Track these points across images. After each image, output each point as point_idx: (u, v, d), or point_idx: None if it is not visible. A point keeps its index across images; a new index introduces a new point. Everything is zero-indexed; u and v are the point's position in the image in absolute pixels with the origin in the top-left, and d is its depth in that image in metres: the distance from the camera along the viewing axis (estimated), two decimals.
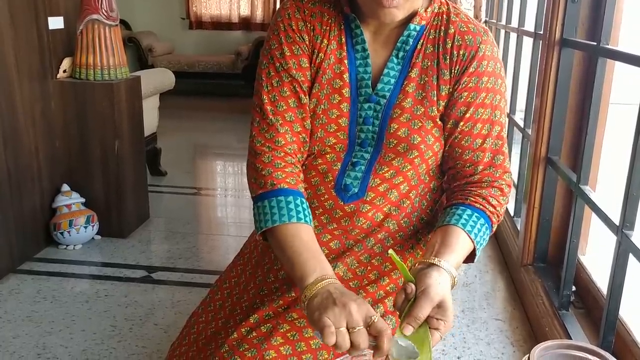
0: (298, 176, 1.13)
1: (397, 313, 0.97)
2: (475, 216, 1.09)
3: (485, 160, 1.15)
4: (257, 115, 1.16)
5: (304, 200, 1.09)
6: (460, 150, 1.15)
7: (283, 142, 1.13)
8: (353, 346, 0.89)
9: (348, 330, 0.89)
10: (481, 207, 1.11)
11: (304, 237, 1.04)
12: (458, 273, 1.01)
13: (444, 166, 1.21)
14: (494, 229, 1.14)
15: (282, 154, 1.13)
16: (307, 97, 1.16)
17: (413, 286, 0.95)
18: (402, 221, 1.19)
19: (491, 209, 1.12)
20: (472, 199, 1.11)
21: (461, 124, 1.14)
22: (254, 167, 1.13)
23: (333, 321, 0.89)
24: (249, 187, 1.16)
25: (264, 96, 1.15)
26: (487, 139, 1.14)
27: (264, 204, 1.09)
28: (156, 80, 3.66)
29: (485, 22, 3.99)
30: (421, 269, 0.98)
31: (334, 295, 0.92)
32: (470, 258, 1.10)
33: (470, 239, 1.07)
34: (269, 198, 1.08)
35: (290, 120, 1.14)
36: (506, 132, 1.21)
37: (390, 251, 0.96)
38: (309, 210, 1.10)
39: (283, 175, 1.10)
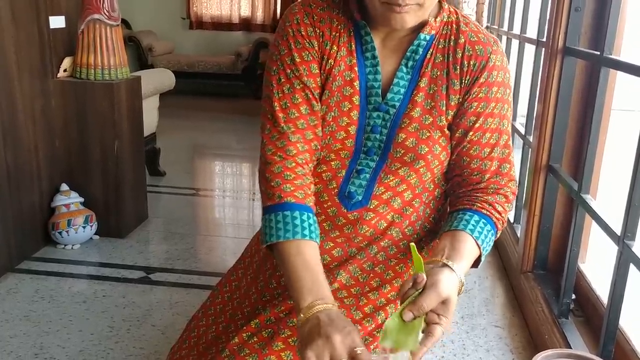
0: (308, 188, 1.11)
1: (400, 299, 0.97)
2: (483, 222, 1.10)
3: (492, 168, 1.15)
4: (269, 122, 1.14)
5: (311, 215, 1.07)
6: (468, 159, 1.16)
7: (295, 152, 1.11)
8: None
9: None
10: (488, 213, 1.12)
11: (305, 255, 1.03)
12: (465, 280, 1.02)
13: (450, 173, 1.21)
14: (498, 235, 1.15)
15: (293, 164, 1.10)
16: (319, 103, 1.14)
17: (424, 276, 0.95)
18: (406, 229, 1.19)
19: (497, 215, 1.13)
20: (479, 204, 1.12)
21: (470, 133, 1.14)
22: (265, 177, 1.11)
23: (316, 354, 0.88)
24: (260, 195, 1.15)
25: (275, 103, 1.13)
26: (495, 148, 1.15)
27: (270, 217, 1.07)
28: (156, 80, 3.65)
29: (487, 28, 3.99)
30: (433, 268, 0.99)
31: (320, 325, 0.91)
32: (474, 264, 1.10)
33: (477, 245, 1.08)
34: (275, 212, 1.07)
35: (302, 127, 1.12)
36: (512, 141, 1.21)
37: (412, 244, 0.97)
38: (316, 225, 1.08)
39: (292, 188, 1.08)
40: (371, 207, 1.16)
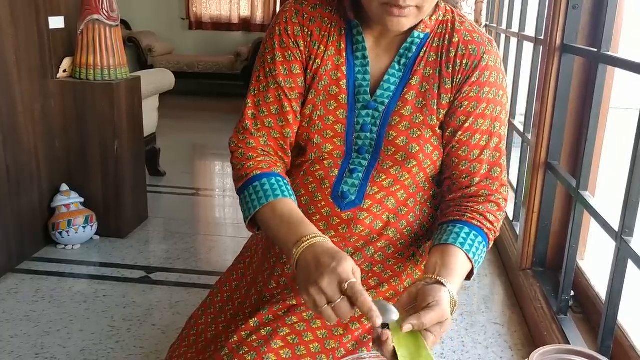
0: (274, 163, 1.14)
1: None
2: (473, 234, 1.07)
3: (482, 172, 1.13)
4: (240, 117, 1.18)
5: (280, 179, 1.10)
6: (457, 160, 1.14)
7: (255, 145, 1.15)
8: (340, 317, 0.90)
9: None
10: (479, 224, 1.08)
11: (278, 211, 1.05)
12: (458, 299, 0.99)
13: (441, 176, 1.19)
14: (490, 246, 1.12)
15: (253, 150, 1.15)
16: (294, 104, 1.15)
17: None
18: (404, 230, 1.18)
19: (489, 225, 1.09)
20: (469, 215, 1.09)
21: (459, 133, 1.12)
22: (232, 166, 1.16)
23: (312, 302, 0.90)
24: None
25: (249, 100, 1.17)
26: (485, 151, 1.13)
27: (243, 194, 1.11)
28: (156, 80, 3.66)
29: (486, 26, 4.00)
30: (425, 285, 0.96)
31: (310, 269, 0.92)
32: (467, 277, 1.07)
33: (469, 259, 1.04)
34: (246, 188, 1.10)
35: (269, 126, 1.15)
36: (505, 145, 1.19)
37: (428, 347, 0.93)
38: (287, 186, 1.10)
39: (254, 164, 1.12)
40: (365, 206, 1.14)
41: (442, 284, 0.96)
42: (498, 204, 1.13)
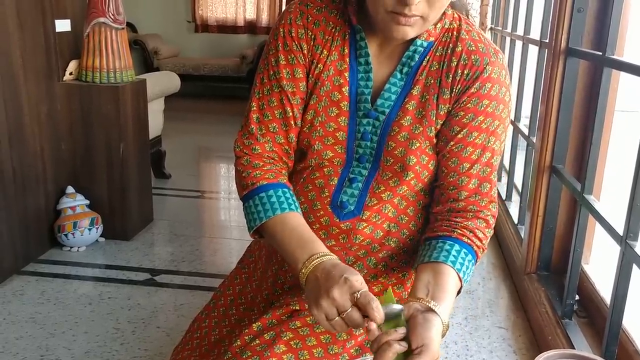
0: (279, 171, 1.13)
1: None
2: (464, 252, 1.04)
3: (470, 186, 1.09)
4: (244, 119, 1.17)
5: (286, 190, 1.10)
6: (445, 171, 1.10)
7: (260, 150, 1.14)
8: (351, 326, 0.90)
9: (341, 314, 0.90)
10: (469, 241, 1.05)
11: (288, 225, 1.05)
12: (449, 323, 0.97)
13: (433, 183, 1.15)
14: (477, 264, 1.10)
15: (259, 157, 1.14)
16: (295, 109, 1.13)
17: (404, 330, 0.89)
18: (407, 239, 1.16)
19: (478, 243, 1.07)
20: (459, 231, 1.06)
21: (451, 143, 1.08)
22: (236, 171, 1.16)
23: (325, 313, 0.90)
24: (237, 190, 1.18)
25: (253, 103, 1.15)
26: (475, 165, 1.08)
27: (248, 204, 1.10)
28: (161, 83, 3.67)
29: (491, 29, 4.00)
30: (418, 311, 0.93)
31: (319, 283, 0.93)
32: None
33: (460, 278, 1.02)
34: (252, 197, 1.10)
35: (274, 131, 1.13)
36: (499, 160, 1.14)
37: (389, 289, 0.94)
38: (293, 197, 1.10)
39: (261, 173, 1.11)
40: (364, 217, 1.12)
41: (435, 312, 0.92)
42: (486, 220, 1.09)
